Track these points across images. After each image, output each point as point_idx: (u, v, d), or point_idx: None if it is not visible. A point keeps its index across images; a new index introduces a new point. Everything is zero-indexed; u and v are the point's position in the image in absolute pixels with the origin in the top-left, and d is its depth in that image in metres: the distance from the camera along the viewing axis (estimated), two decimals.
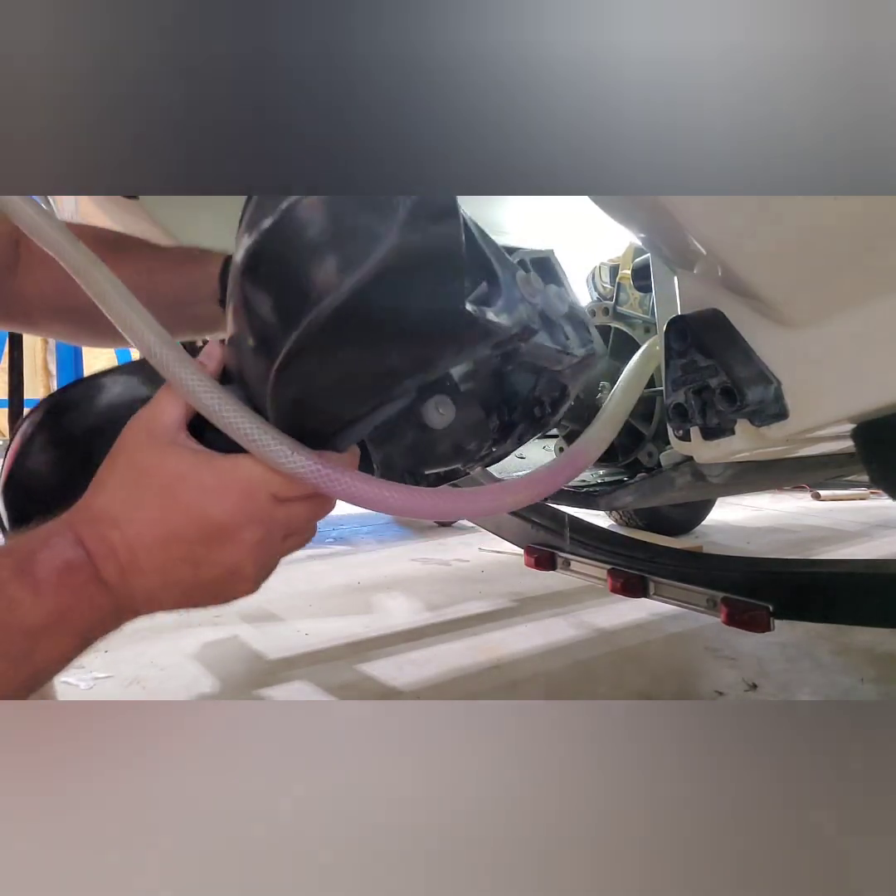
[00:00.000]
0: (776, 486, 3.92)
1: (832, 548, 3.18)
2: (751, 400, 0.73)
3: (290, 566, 2.58)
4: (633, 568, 1.16)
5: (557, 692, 1.66)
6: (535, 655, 1.91)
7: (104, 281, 0.58)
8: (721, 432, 0.79)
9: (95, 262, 0.59)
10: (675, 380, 0.81)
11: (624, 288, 1.18)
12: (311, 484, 0.53)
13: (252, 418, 0.52)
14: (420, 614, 2.30)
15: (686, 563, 1.14)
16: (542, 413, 0.72)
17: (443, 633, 2.11)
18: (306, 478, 0.52)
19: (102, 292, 0.58)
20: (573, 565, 1.27)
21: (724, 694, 1.65)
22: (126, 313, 0.57)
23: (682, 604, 1.12)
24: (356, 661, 1.91)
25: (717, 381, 0.76)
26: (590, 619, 2.20)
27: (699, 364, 0.78)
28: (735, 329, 0.74)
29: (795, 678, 1.73)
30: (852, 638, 1.95)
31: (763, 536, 3.44)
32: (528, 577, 2.56)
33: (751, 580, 1.03)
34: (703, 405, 0.79)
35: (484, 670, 1.80)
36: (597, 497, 1.10)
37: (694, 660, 1.88)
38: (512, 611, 2.32)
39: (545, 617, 2.24)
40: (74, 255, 0.59)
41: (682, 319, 0.78)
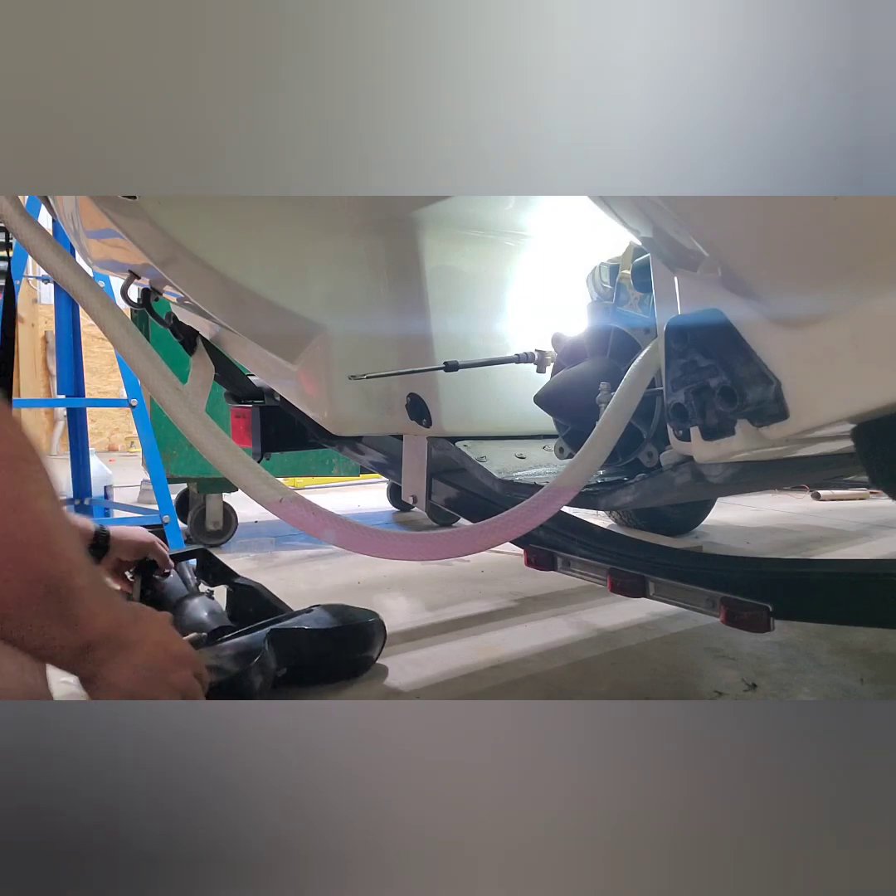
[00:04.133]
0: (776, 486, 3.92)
1: (832, 548, 3.18)
2: (750, 400, 0.73)
3: (290, 566, 2.58)
4: (633, 568, 1.16)
5: (557, 692, 1.66)
6: (535, 655, 1.91)
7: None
8: (721, 432, 0.79)
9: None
10: (675, 380, 0.81)
11: (624, 288, 1.18)
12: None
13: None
14: (420, 614, 2.30)
15: (686, 563, 1.14)
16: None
17: (443, 633, 2.10)
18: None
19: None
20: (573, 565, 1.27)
21: (723, 694, 1.65)
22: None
23: (681, 604, 1.12)
24: None
25: (717, 381, 0.76)
26: (590, 619, 2.20)
27: (699, 364, 0.78)
28: (735, 329, 0.74)
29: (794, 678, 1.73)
30: (852, 638, 1.95)
31: (763, 536, 3.43)
32: (528, 577, 2.56)
33: (750, 580, 1.03)
34: (703, 405, 0.79)
35: (484, 670, 1.80)
36: (597, 497, 1.10)
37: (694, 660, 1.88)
38: (512, 611, 2.32)
39: (545, 617, 2.24)
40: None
41: (681, 319, 0.78)
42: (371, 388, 1.35)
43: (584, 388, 1.08)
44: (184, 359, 1.62)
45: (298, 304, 1.29)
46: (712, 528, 3.53)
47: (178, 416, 1.15)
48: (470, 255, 1.34)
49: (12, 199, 1.16)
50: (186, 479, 3.21)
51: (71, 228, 1.52)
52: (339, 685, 1.65)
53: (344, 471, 3.46)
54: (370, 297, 1.33)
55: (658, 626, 2.12)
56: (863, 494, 4.24)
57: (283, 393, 1.59)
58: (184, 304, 1.56)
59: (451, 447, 1.35)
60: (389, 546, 1.07)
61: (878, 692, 1.63)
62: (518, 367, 1.28)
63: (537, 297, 1.41)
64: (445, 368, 1.22)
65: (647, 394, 0.97)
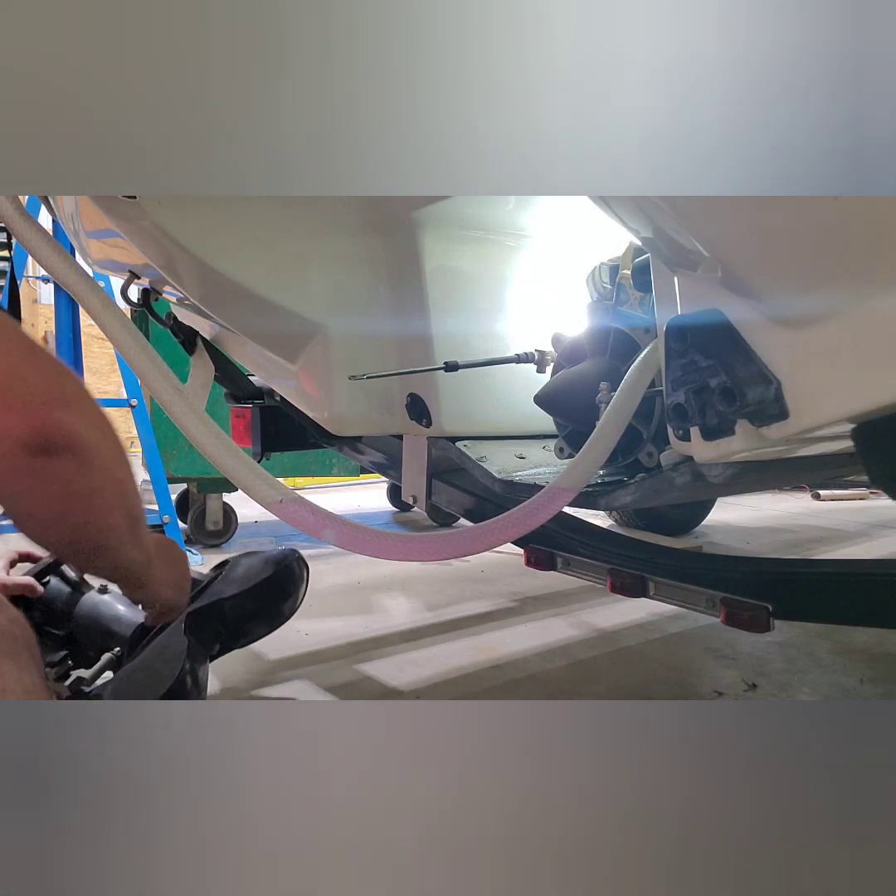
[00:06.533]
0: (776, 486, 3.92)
1: (832, 548, 3.18)
2: (750, 400, 0.73)
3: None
4: (633, 568, 1.16)
5: (557, 692, 1.66)
6: (535, 655, 1.91)
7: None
8: (721, 432, 0.79)
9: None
10: (675, 380, 0.81)
11: (624, 288, 1.18)
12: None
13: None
14: (420, 614, 2.30)
15: (685, 563, 1.14)
16: None
17: (443, 633, 2.11)
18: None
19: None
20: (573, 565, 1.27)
21: (723, 694, 1.65)
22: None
23: (681, 604, 1.11)
24: (356, 661, 1.91)
25: (717, 381, 0.76)
26: (590, 619, 2.20)
27: (699, 364, 0.78)
28: (735, 329, 0.74)
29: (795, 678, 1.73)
30: (852, 638, 1.95)
31: (763, 536, 3.44)
32: (528, 577, 2.56)
33: (750, 580, 1.03)
34: (703, 405, 0.79)
35: (484, 670, 1.80)
36: (597, 497, 1.10)
37: (694, 660, 1.88)
38: (512, 611, 2.32)
39: (545, 617, 2.24)
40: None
41: (681, 319, 0.78)
42: (371, 388, 1.35)
43: (584, 389, 1.08)
44: (184, 359, 1.62)
45: (298, 304, 1.29)
46: (712, 528, 3.53)
47: (178, 416, 1.15)
48: (470, 255, 1.34)
49: (12, 199, 1.16)
50: (186, 479, 3.22)
51: (71, 228, 1.52)
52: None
53: (344, 471, 3.46)
54: (370, 297, 1.33)
55: (658, 626, 2.12)
56: (863, 494, 4.24)
57: (283, 393, 1.59)
58: (184, 304, 1.56)
59: (451, 447, 1.35)
60: (389, 546, 1.07)
61: (878, 692, 1.63)
62: (518, 367, 1.28)
63: (537, 297, 1.41)
64: (445, 368, 1.22)
65: (647, 394, 0.97)
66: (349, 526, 1.06)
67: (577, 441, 1.08)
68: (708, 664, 1.84)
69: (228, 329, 1.48)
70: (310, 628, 2.18)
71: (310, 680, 1.79)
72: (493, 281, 1.38)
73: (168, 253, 1.24)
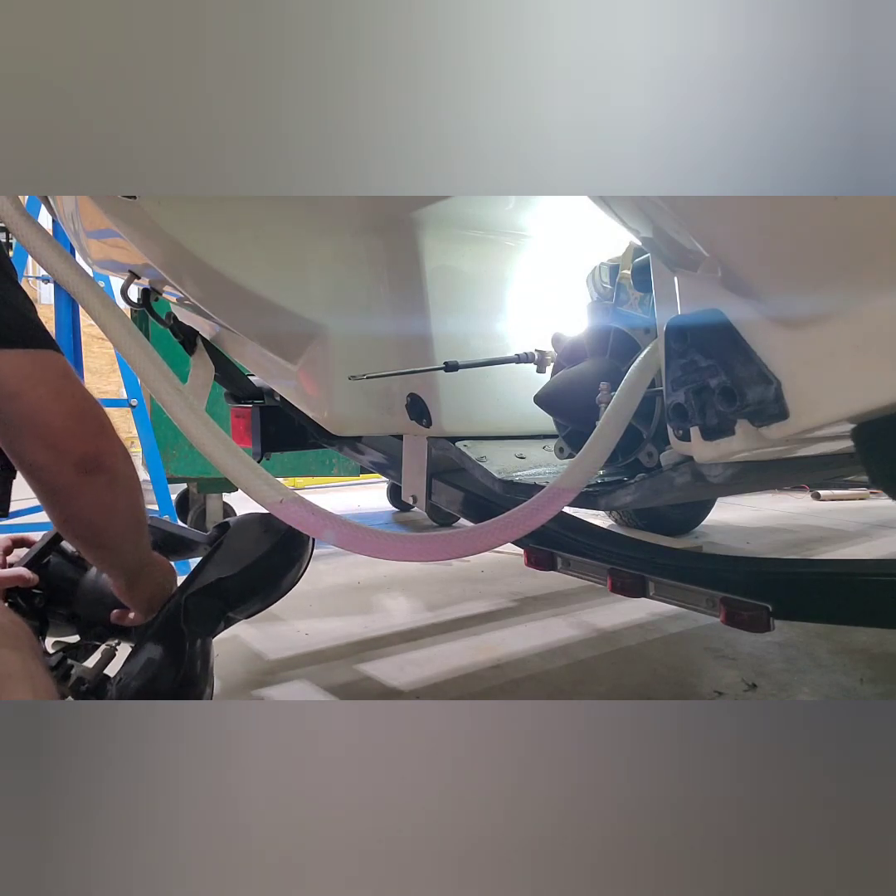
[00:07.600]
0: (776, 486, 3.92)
1: (832, 548, 3.18)
2: (750, 400, 0.73)
3: None
4: (633, 568, 1.16)
5: (557, 692, 1.66)
6: (535, 655, 1.91)
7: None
8: (721, 432, 0.79)
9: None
10: (675, 380, 0.81)
11: (624, 288, 1.18)
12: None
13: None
14: (420, 614, 2.30)
15: (685, 563, 1.14)
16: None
17: (443, 633, 2.11)
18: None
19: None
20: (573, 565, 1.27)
21: (723, 694, 1.65)
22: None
23: (681, 603, 1.11)
24: (356, 661, 1.91)
25: (717, 381, 0.76)
26: (590, 619, 2.20)
27: (699, 364, 0.78)
28: (735, 329, 0.74)
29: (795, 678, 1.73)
30: (852, 638, 1.95)
31: (763, 536, 3.44)
32: (528, 577, 2.56)
33: (750, 580, 1.03)
34: (702, 405, 0.79)
35: (484, 670, 1.80)
36: (597, 497, 1.10)
37: (694, 660, 1.88)
38: (512, 611, 2.32)
39: (545, 617, 2.24)
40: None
41: (681, 319, 0.78)
42: (371, 388, 1.35)
43: (584, 389, 1.08)
44: (184, 359, 1.62)
45: (299, 304, 1.29)
46: (712, 528, 3.53)
47: (179, 416, 1.15)
48: (470, 255, 1.34)
49: (12, 199, 1.16)
50: (186, 479, 3.22)
51: (71, 228, 1.52)
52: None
53: (344, 471, 3.46)
54: (370, 297, 1.33)
55: (658, 626, 2.12)
56: (863, 494, 4.24)
57: (283, 393, 1.59)
58: (184, 304, 1.56)
59: (451, 447, 1.35)
60: (389, 547, 1.07)
61: (878, 692, 1.63)
62: (518, 367, 1.27)
63: (537, 297, 1.41)
64: (445, 368, 1.22)
65: (647, 394, 0.97)
66: (349, 526, 1.06)
67: (577, 441, 1.08)
68: (708, 664, 1.84)
69: (228, 329, 1.48)
70: (310, 628, 2.18)
71: (310, 680, 1.79)
72: (493, 281, 1.38)
73: (168, 253, 1.24)
